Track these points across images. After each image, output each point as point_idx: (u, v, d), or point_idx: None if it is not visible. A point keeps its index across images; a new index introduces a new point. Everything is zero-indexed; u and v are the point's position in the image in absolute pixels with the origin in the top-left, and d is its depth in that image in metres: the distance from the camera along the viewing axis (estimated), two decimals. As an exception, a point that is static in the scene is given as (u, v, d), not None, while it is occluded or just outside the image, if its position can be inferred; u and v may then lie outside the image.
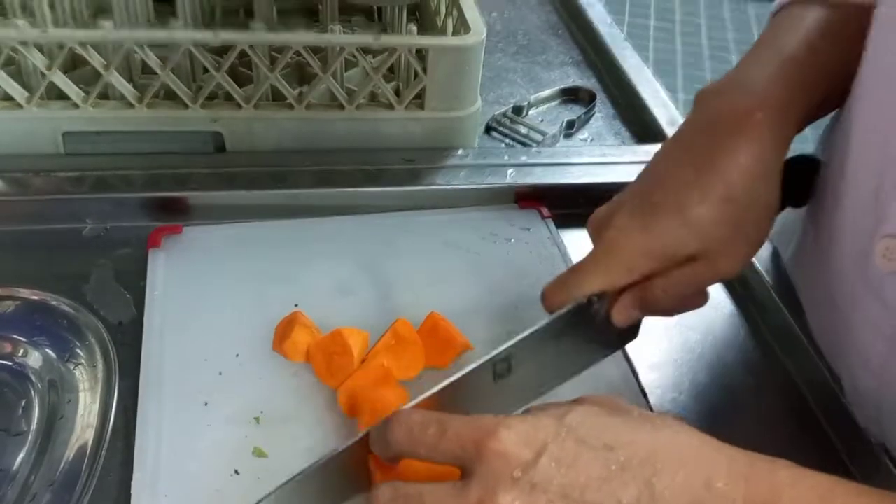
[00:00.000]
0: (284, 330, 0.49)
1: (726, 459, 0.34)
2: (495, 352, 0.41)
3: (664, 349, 0.54)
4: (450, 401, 0.40)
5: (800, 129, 0.46)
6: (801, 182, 0.48)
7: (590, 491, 0.32)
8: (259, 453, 0.43)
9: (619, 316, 0.44)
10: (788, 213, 0.57)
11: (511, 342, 0.41)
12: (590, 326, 0.45)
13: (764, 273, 0.57)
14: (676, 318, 0.55)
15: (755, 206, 0.43)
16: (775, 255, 0.60)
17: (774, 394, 0.52)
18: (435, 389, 0.39)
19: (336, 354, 0.47)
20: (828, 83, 0.47)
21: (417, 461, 0.37)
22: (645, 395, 0.49)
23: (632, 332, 0.48)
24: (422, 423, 0.36)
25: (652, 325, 0.55)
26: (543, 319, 0.43)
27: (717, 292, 0.59)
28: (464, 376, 0.40)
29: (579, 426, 0.34)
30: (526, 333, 0.42)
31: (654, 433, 0.34)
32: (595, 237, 0.45)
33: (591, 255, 0.44)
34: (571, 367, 0.47)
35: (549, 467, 0.32)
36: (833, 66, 0.47)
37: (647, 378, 0.51)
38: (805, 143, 0.47)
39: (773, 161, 0.43)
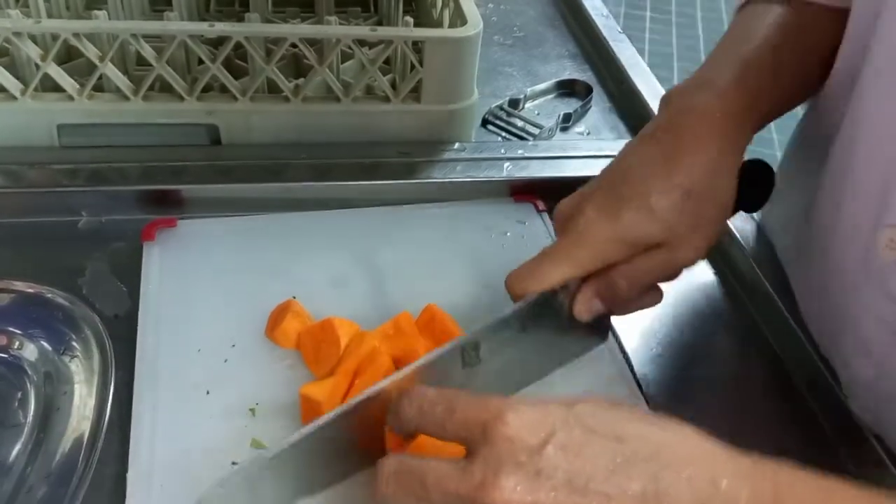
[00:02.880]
0: (277, 317, 0.49)
1: (731, 460, 0.34)
2: (462, 338, 0.42)
3: (658, 340, 0.54)
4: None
5: (757, 130, 0.48)
6: (756, 187, 0.50)
7: (595, 481, 0.32)
8: (257, 444, 0.43)
9: (582, 306, 0.45)
10: (784, 206, 0.57)
11: (477, 328, 0.42)
12: (557, 321, 0.45)
13: (757, 266, 0.57)
14: (672, 313, 0.56)
15: (712, 202, 0.45)
16: (768, 247, 0.60)
17: (767, 383, 0.52)
18: (404, 371, 0.40)
19: (324, 343, 0.47)
20: (786, 84, 0.50)
21: (427, 441, 0.37)
22: (640, 387, 0.49)
23: (601, 333, 0.49)
24: (431, 401, 0.36)
25: (647, 318, 0.55)
26: (508, 309, 0.44)
27: (712, 285, 0.59)
28: (432, 361, 0.41)
29: (589, 416, 0.34)
30: (492, 320, 0.43)
31: (662, 430, 0.34)
32: (562, 227, 0.47)
33: (558, 243, 0.45)
34: (543, 364, 0.47)
35: (555, 454, 0.32)
36: (792, 66, 0.50)
37: (642, 368, 0.51)
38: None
39: (731, 160, 0.46)
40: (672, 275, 0.46)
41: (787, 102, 0.51)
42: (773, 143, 2.24)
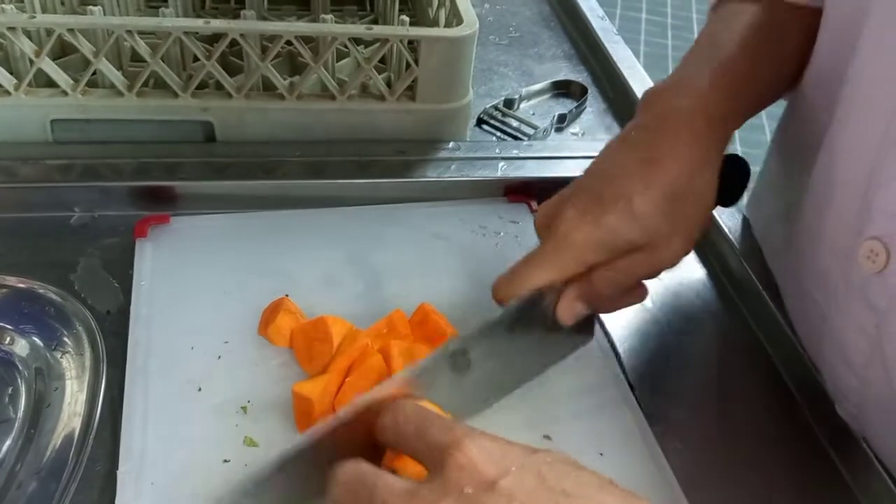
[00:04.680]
0: (270, 315, 0.49)
1: None
2: (450, 343, 0.42)
3: (650, 343, 0.54)
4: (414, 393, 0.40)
5: (734, 129, 0.48)
6: (733, 182, 0.50)
7: None
8: (250, 443, 0.43)
9: (565, 311, 0.45)
10: (767, 209, 0.58)
11: (465, 332, 0.43)
12: (542, 323, 0.45)
13: (750, 268, 0.58)
14: (665, 315, 0.56)
15: (694, 203, 0.46)
16: (758, 244, 0.60)
17: (759, 387, 0.52)
18: (393, 379, 0.40)
19: (317, 341, 0.47)
20: (763, 83, 0.50)
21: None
22: (632, 388, 0.49)
23: (587, 331, 0.49)
24: (406, 418, 0.36)
25: (640, 320, 0.55)
26: (495, 312, 0.44)
27: (705, 288, 0.59)
28: (422, 368, 0.40)
29: (545, 465, 0.33)
30: (481, 324, 0.43)
31: (612, 496, 0.33)
32: (543, 232, 0.46)
33: (541, 248, 0.45)
34: (533, 365, 0.47)
35: (500, 493, 0.32)
36: (768, 65, 0.50)
37: (634, 371, 0.51)
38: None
39: (711, 160, 0.46)
40: (653, 275, 0.47)
41: (763, 101, 0.52)
42: (763, 128, 2.24)
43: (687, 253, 0.46)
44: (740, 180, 0.51)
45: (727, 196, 0.50)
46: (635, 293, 0.48)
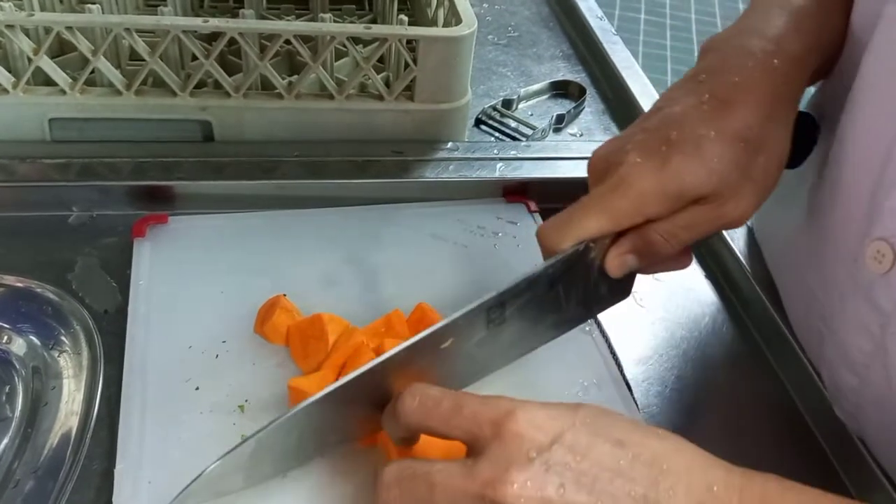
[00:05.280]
0: (266, 312, 0.49)
1: (723, 470, 0.35)
2: (489, 295, 0.40)
3: (649, 344, 0.54)
4: (435, 345, 0.40)
5: (810, 84, 0.45)
6: (802, 141, 0.47)
7: (600, 482, 0.33)
8: (246, 442, 0.43)
9: (616, 264, 0.43)
10: (772, 212, 0.58)
11: (504, 286, 0.40)
12: (584, 280, 0.43)
13: (748, 268, 0.58)
14: (662, 313, 0.56)
15: (766, 151, 0.42)
16: (760, 253, 0.60)
17: (758, 389, 0.53)
18: (430, 330, 0.39)
19: (312, 339, 0.47)
20: (835, 37, 0.46)
21: (430, 446, 0.37)
22: (630, 389, 0.49)
23: (624, 288, 0.46)
24: (436, 397, 0.36)
25: (639, 321, 0.55)
26: (538, 266, 0.41)
27: (703, 289, 0.59)
28: (459, 318, 0.40)
29: (593, 420, 0.34)
30: (520, 278, 0.40)
31: (660, 439, 0.35)
32: (599, 175, 0.43)
33: (596, 192, 0.42)
34: (563, 323, 0.46)
35: (563, 453, 0.33)
36: (838, 16, 0.46)
37: (633, 372, 0.51)
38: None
39: (788, 108, 0.43)
40: (715, 231, 0.43)
41: (827, 61, 0.48)
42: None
43: (755, 210, 0.43)
44: (809, 138, 0.47)
45: (795, 156, 0.46)
46: (682, 259, 0.45)
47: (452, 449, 0.37)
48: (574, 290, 0.43)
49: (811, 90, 0.53)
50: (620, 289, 0.46)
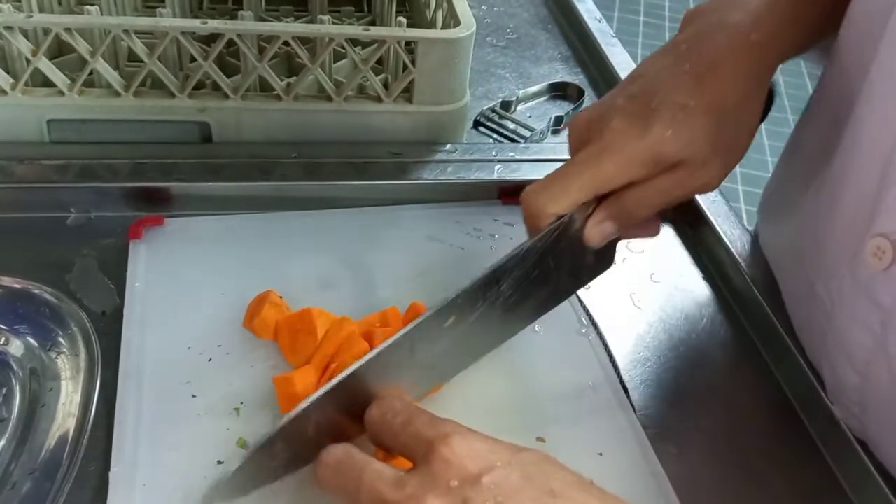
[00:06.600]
0: (255, 307, 0.49)
1: None
2: (483, 276, 0.41)
3: (647, 346, 0.54)
4: (439, 325, 0.41)
5: (783, 61, 0.46)
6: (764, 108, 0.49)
7: None
8: (243, 444, 0.43)
9: (596, 232, 0.43)
10: (778, 211, 0.58)
11: (497, 262, 0.41)
12: (570, 251, 0.43)
13: (746, 269, 0.58)
14: (659, 314, 0.56)
15: (739, 122, 0.44)
16: (758, 251, 0.60)
17: (755, 390, 0.52)
18: (432, 309, 0.40)
19: (302, 333, 0.47)
20: (813, 15, 0.47)
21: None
22: (626, 392, 0.49)
23: (608, 258, 0.47)
24: (393, 411, 0.36)
25: (636, 323, 0.55)
26: (528, 241, 0.42)
27: (701, 291, 0.59)
28: (456, 299, 0.41)
29: (533, 465, 0.33)
30: (513, 254, 0.41)
31: (596, 498, 0.33)
32: (582, 139, 0.44)
33: (580, 157, 0.43)
34: (552, 298, 0.46)
35: (486, 489, 0.32)
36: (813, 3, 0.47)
37: (630, 374, 0.51)
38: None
39: (761, 82, 0.45)
40: (686, 197, 0.45)
41: (817, 30, 0.49)
42: (763, 148, 2.25)
43: (725, 176, 0.44)
44: (767, 106, 0.49)
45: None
46: (651, 226, 0.46)
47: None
48: (564, 261, 0.44)
49: (810, 88, 0.53)
50: (605, 258, 0.47)
